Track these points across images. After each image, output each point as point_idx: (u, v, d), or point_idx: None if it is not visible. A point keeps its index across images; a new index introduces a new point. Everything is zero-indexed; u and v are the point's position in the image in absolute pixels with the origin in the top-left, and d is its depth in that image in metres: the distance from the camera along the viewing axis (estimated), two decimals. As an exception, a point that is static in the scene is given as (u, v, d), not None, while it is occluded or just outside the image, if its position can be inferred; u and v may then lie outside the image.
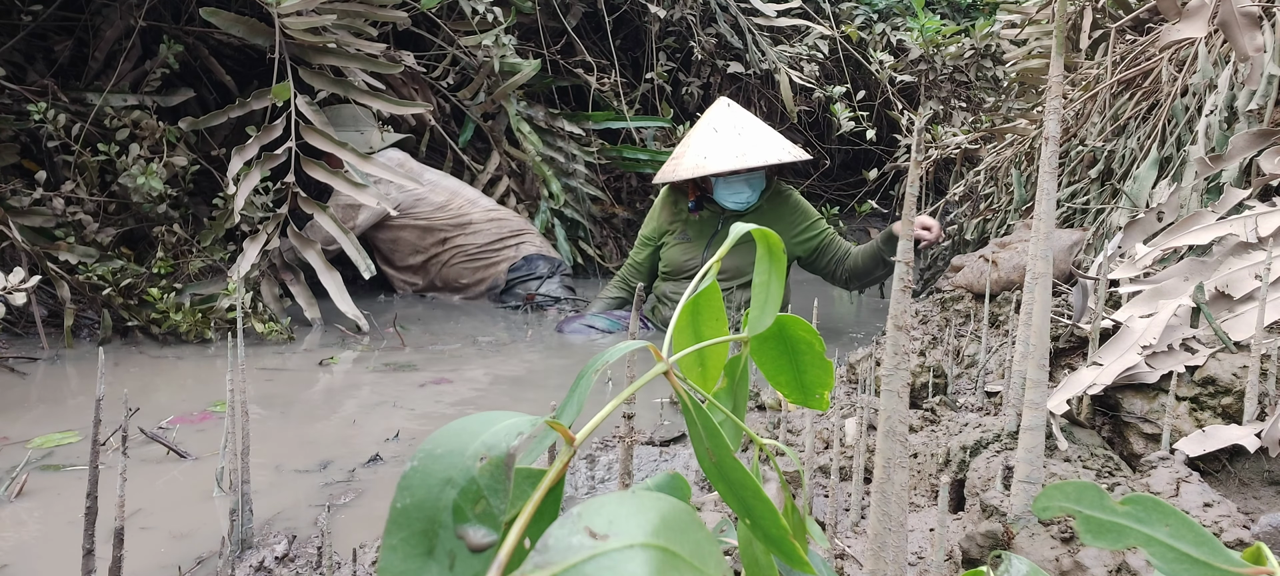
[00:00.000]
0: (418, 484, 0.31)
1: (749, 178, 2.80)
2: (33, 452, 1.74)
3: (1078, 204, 2.34)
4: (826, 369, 0.59)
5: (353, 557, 1.18)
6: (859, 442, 1.11)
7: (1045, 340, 0.88)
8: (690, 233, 2.92)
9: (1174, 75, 2.22)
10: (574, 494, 1.54)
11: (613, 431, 1.84)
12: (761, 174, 2.82)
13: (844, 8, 5.22)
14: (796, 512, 0.56)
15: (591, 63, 4.33)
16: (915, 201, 0.55)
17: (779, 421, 1.59)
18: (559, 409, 0.40)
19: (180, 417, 1.98)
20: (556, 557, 0.27)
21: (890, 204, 5.11)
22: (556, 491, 0.36)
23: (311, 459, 1.77)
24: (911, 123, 4.51)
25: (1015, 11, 3.39)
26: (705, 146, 2.76)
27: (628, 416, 0.64)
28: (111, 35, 3.13)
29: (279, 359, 2.57)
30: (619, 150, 4.25)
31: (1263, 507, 1.04)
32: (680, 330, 0.58)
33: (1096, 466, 1.08)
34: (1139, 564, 0.78)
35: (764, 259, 0.55)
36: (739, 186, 2.81)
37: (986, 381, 1.60)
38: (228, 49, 3.52)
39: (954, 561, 0.96)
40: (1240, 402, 1.16)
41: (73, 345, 2.54)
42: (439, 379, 2.43)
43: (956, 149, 3.50)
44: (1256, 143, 1.68)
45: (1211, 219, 1.54)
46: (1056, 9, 0.89)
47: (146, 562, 1.32)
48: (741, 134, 2.74)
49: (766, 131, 2.82)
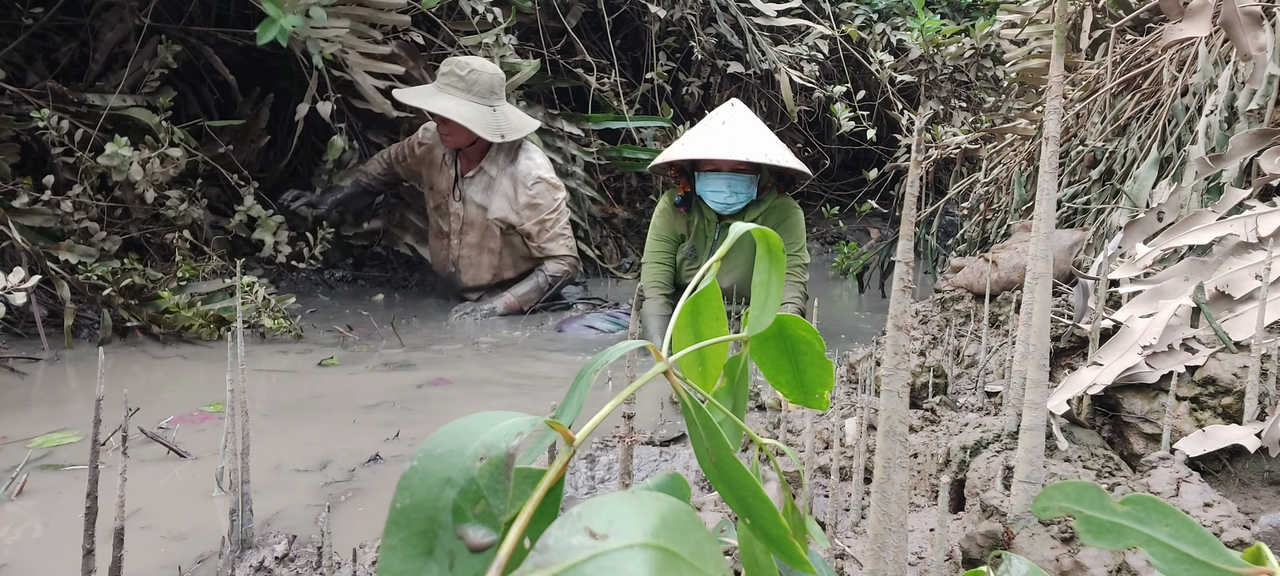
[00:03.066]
0: (418, 484, 0.31)
1: (730, 178, 2.69)
2: (33, 452, 1.74)
3: (1078, 204, 2.34)
4: (826, 369, 0.59)
5: (353, 557, 1.18)
6: (859, 442, 1.11)
7: (1045, 340, 0.88)
8: (696, 249, 2.88)
9: (1174, 75, 2.22)
10: (574, 494, 1.54)
11: (613, 431, 1.84)
12: (745, 180, 2.71)
13: (844, 8, 5.22)
14: (796, 512, 0.56)
15: (591, 63, 4.34)
16: (915, 201, 0.55)
17: (779, 421, 1.59)
18: (559, 409, 0.40)
19: (180, 417, 1.98)
20: (556, 557, 0.27)
21: (890, 204, 5.11)
22: (556, 491, 0.36)
23: (311, 459, 1.77)
24: (911, 123, 4.51)
25: (1015, 11, 3.39)
26: (695, 135, 2.73)
27: (628, 416, 0.64)
28: (112, 37, 3.13)
29: (279, 359, 2.57)
30: (619, 150, 4.25)
31: (1263, 507, 1.04)
32: (680, 330, 0.58)
33: (1096, 466, 1.08)
34: (1139, 564, 0.78)
35: (764, 259, 0.55)
36: (718, 185, 2.70)
37: (986, 381, 1.60)
38: (231, 49, 3.52)
39: (954, 561, 0.96)
40: (1240, 402, 1.16)
41: (73, 345, 2.54)
42: (438, 379, 2.43)
43: (956, 149, 3.50)
44: (1257, 142, 1.68)
45: (1212, 219, 1.54)
46: (1056, 9, 0.89)
47: (146, 562, 1.32)
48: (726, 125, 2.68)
49: (763, 136, 2.73)
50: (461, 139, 3.25)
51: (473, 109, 3.15)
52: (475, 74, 3.18)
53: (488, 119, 3.20)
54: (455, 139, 3.26)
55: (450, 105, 3.11)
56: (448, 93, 3.16)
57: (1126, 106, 2.39)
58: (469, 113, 3.12)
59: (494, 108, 3.24)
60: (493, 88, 3.24)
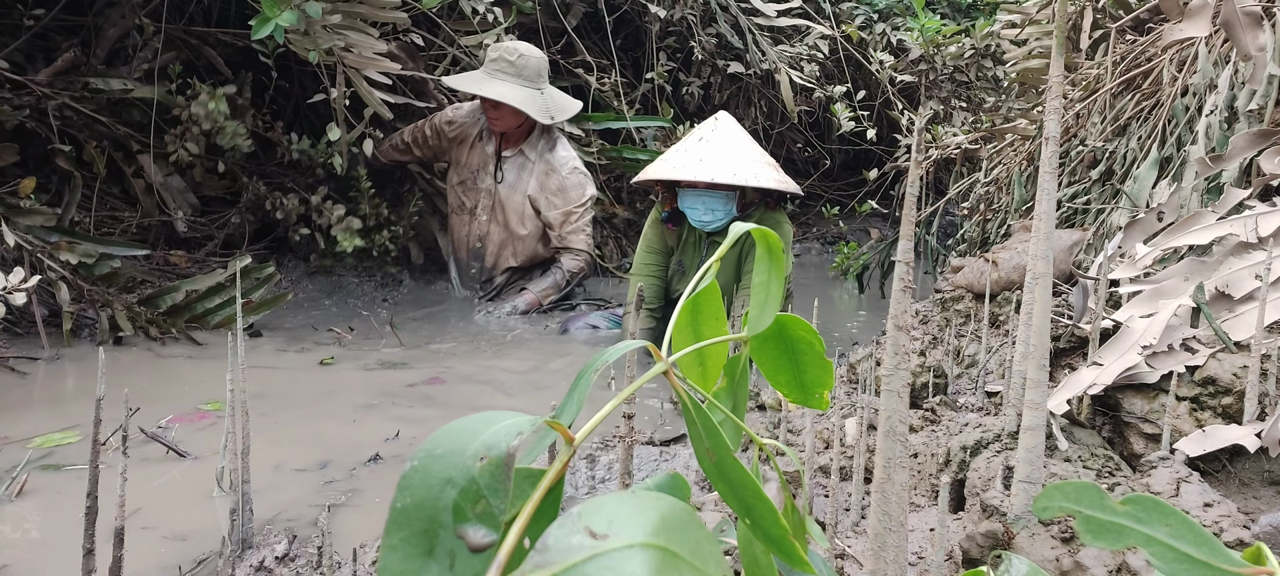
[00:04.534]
0: (418, 484, 0.31)
1: (707, 198, 2.62)
2: (33, 452, 1.74)
3: (1078, 204, 2.34)
4: (826, 369, 0.59)
5: (353, 557, 1.18)
6: (859, 442, 1.11)
7: (1045, 340, 0.88)
8: (685, 263, 2.86)
9: (1174, 75, 2.22)
10: (574, 494, 1.54)
11: (613, 431, 1.84)
12: (722, 198, 2.63)
13: (844, 8, 5.22)
14: (796, 512, 0.56)
15: (592, 63, 4.33)
16: (915, 201, 0.55)
17: (779, 421, 1.59)
18: (559, 409, 0.40)
19: (180, 417, 1.98)
20: (556, 557, 0.27)
21: (890, 204, 5.11)
22: (556, 491, 0.36)
23: (311, 458, 1.77)
24: (912, 123, 4.51)
25: (1015, 11, 3.39)
26: (672, 153, 2.68)
27: (628, 416, 0.64)
28: (113, 34, 3.13)
29: (278, 358, 2.57)
30: (619, 150, 4.25)
31: (1263, 507, 1.04)
32: (680, 330, 0.58)
33: (1096, 466, 1.08)
34: (1139, 564, 0.78)
35: (764, 259, 0.55)
36: (696, 204, 2.65)
37: (986, 381, 1.60)
38: (231, 49, 3.52)
39: (954, 561, 0.96)
40: (1240, 402, 1.16)
41: (73, 345, 2.54)
42: (437, 378, 2.43)
43: (956, 149, 3.50)
44: (1257, 142, 1.68)
45: (1211, 219, 1.54)
46: (1057, 9, 0.89)
47: (146, 562, 1.32)
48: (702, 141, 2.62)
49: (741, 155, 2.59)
50: (510, 122, 3.31)
51: (524, 92, 3.22)
52: (524, 59, 3.25)
53: (537, 101, 3.26)
54: (505, 122, 3.32)
55: (505, 89, 3.18)
56: (498, 77, 3.22)
57: (1126, 106, 2.40)
58: (521, 96, 3.19)
59: (542, 90, 3.31)
60: (540, 71, 3.30)
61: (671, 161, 2.63)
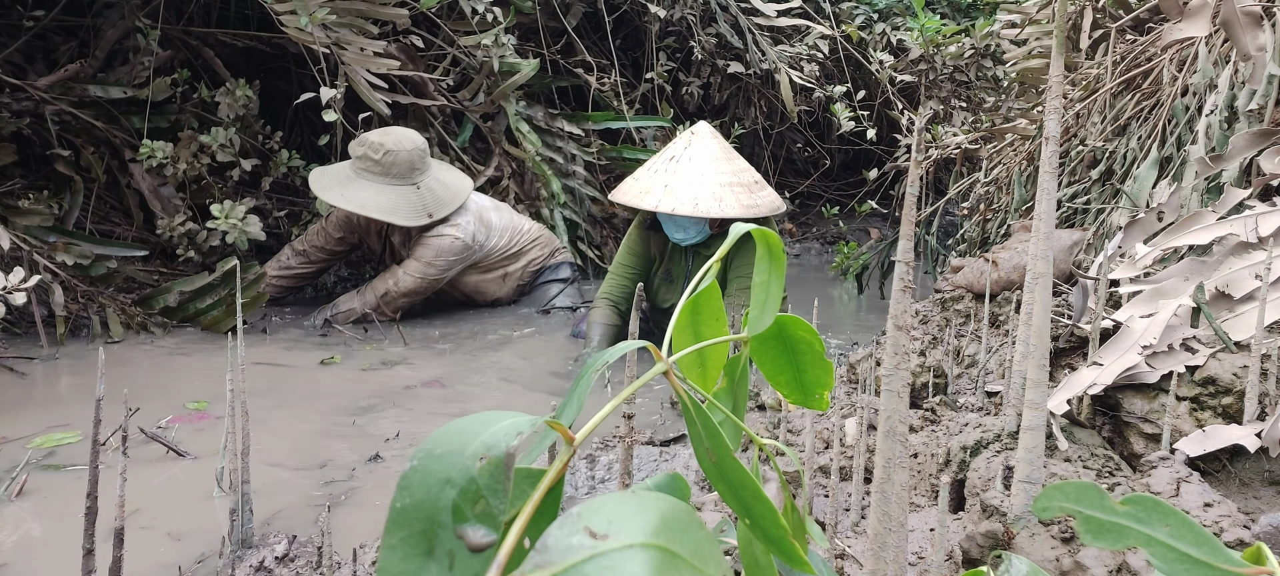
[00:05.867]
0: (417, 484, 0.31)
1: (678, 217, 2.57)
2: (33, 452, 1.74)
3: (1078, 204, 2.34)
4: (826, 369, 0.59)
5: (353, 557, 1.18)
6: (859, 442, 1.11)
7: (1045, 340, 0.88)
8: (673, 272, 2.84)
9: (1174, 75, 2.22)
10: (574, 494, 1.54)
11: (613, 431, 1.84)
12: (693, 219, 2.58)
13: (844, 7, 5.21)
14: (796, 512, 0.56)
15: (591, 63, 4.33)
16: (915, 201, 0.55)
17: (779, 421, 1.59)
18: (559, 409, 0.40)
19: (179, 417, 1.98)
20: (556, 557, 0.27)
21: (890, 204, 5.11)
22: (556, 491, 0.36)
23: (311, 458, 1.77)
24: (911, 123, 4.51)
25: (1015, 11, 3.39)
26: (643, 171, 2.64)
27: (628, 416, 0.64)
28: (112, 35, 3.13)
29: (279, 358, 2.57)
30: (619, 150, 4.25)
31: (1263, 507, 1.04)
32: (680, 330, 0.58)
33: (1097, 466, 1.08)
34: (1139, 564, 0.78)
35: (764, 259, 0.55)
36: (667, 221, 2.62)
37: (986, 381, 1.60)
38: (231, 50, 3.52)
39: (954, 561, 0.96)
40: (1240, 402, 1.16)
41: (71, 344, 2.54)
42: (438, 379, 2.43)
43: (956, 149, 3.50)
44: (1257, 142, 1.68)
45: (1212, 219, 1.54)
46: (1056, 9, 0.89)
47: (146, 562, 1.32)
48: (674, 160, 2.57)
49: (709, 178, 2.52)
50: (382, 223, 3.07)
51: (391, 195, 2.93)
52: (391, 155, 2.93)
53: (411, 201, 2.96)
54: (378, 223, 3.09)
55: (367, 199, 2.89)
56: (363, 178, 2.95)
57: (1126, 106, 2.39)
58: (386, 202, 2.90)
59: (417, 185, 3.01)
60: (412, 164, 2.99)
61: (641, 183, 2.59)
